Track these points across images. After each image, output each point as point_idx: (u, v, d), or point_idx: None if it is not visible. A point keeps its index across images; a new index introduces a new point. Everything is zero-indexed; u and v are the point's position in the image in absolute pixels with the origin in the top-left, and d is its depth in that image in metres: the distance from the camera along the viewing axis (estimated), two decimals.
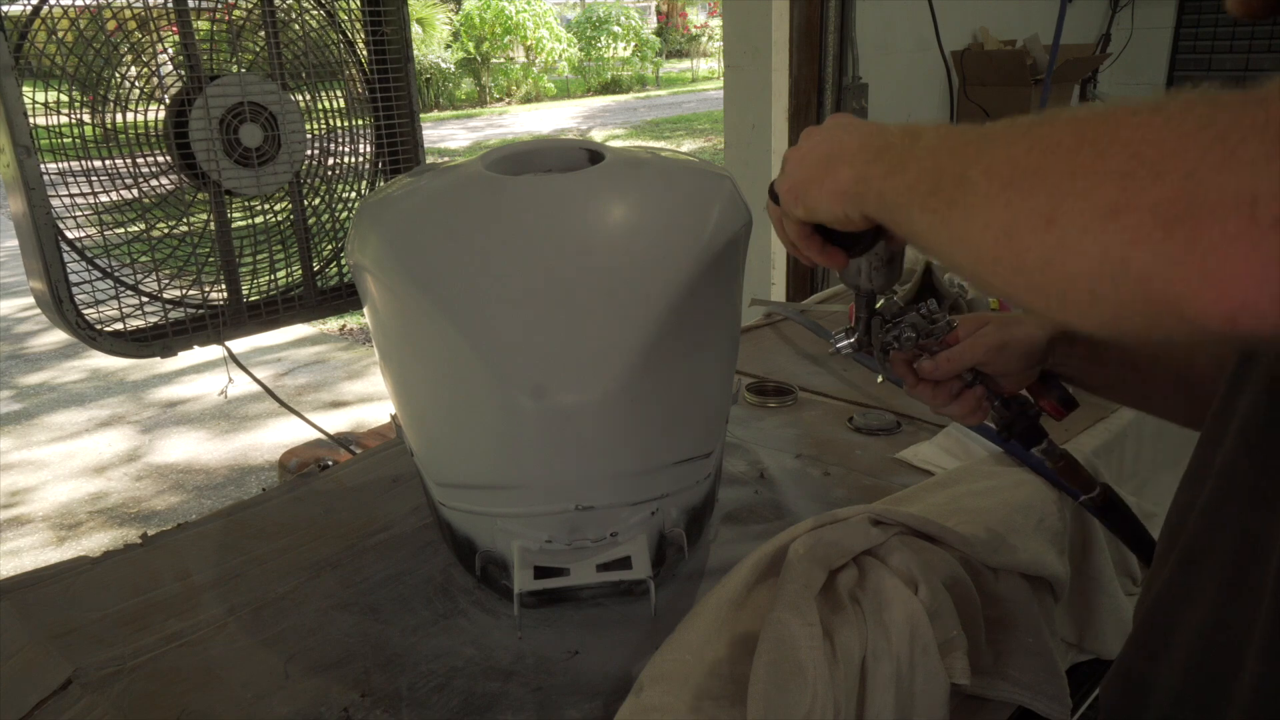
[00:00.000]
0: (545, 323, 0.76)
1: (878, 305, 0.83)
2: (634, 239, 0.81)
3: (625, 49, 19.43)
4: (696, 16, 22.87)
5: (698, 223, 0.83)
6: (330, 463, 1.84)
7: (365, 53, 1.54)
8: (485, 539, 0.85)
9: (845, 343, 0.83)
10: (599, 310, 0.77)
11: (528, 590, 0.79)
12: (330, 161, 1.54)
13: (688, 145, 11.37)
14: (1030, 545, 0.89)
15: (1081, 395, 0.90)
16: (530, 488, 0.80)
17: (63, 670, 0.79)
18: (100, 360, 4.67)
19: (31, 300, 1.42)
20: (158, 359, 1.46)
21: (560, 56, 17.95)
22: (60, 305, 1.32)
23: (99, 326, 1.37)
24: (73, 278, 1.33)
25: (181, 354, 1.47)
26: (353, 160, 1.56)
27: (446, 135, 12.96)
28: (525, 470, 0.79)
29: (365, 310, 0.97)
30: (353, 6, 1.51)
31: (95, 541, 3.13)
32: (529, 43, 17.46)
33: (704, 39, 21.96)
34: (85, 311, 1.35)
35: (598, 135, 12.43)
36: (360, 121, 1.56)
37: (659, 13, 23.43)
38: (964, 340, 0.84)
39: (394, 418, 0.97)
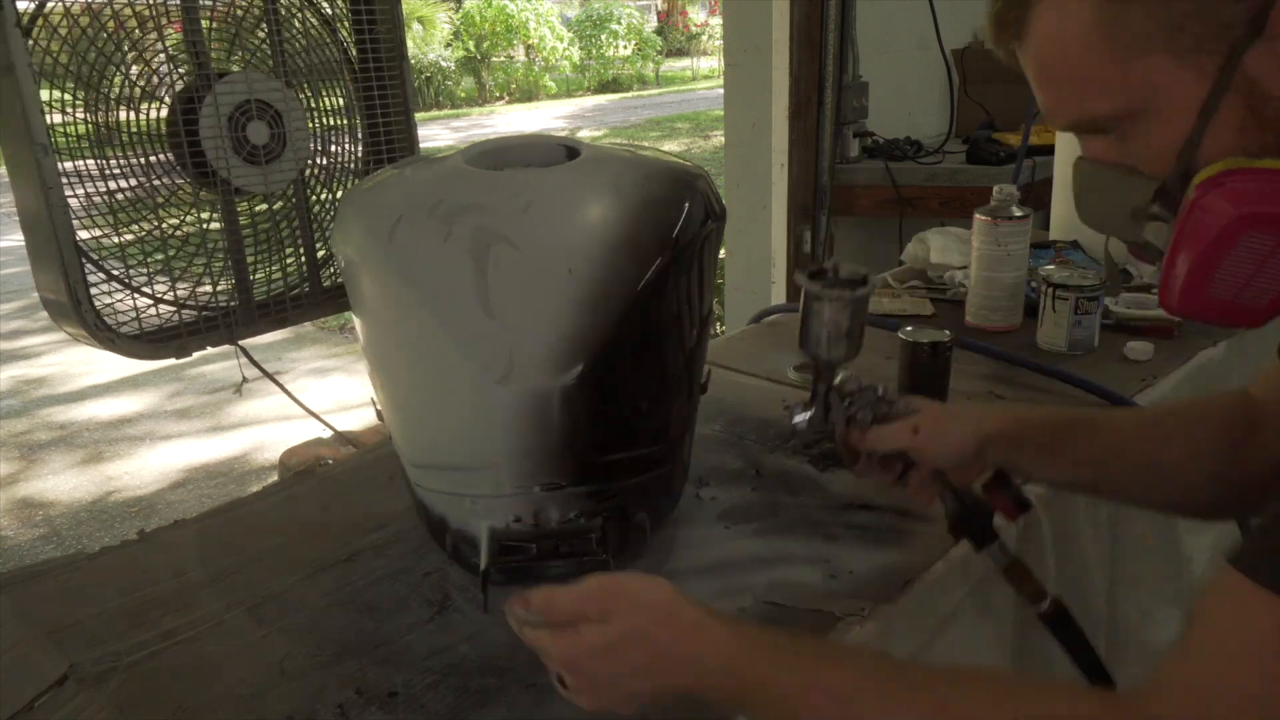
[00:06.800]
0: (515, 310, 0.80)
1: (836, 380, 0.86)
2: (605, 232, 0.84)
3: (626, 47, 19.39)
4: (697, 15, 22.84)
5: (667, 218, 0.86)
6: (330, 461, 1.84)
7: (355, 52, 1.54)
8: (457, 518, 0.88)
9: (801, 417, 0.87)
10: (568, 299, 0.80)
11: (493, 567, 0.82)
12: (325, 162, 1.54)
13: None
14: None
15: None
16: (499, 468, 0.83)
17: (59, 665, 0.79)
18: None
19: None
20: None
21: (561, 56, 17.92)
22: (79, 307, 1.30)
23: (116, 329, 1.35)
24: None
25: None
26: (352, 158, 1.56)
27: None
28: (494, 451, 0.83)
29: (350, 297, 0.98)
30: (340, 5, 1.51)
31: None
32: (530, 41, 17.43)
33: (704, 37, 21.93)
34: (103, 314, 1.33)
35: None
36: (358, 120, 1.56)
37: (659, 11, 23.41)
38: (897, 423, 0.85)
39: (374, 402, 0.99)
